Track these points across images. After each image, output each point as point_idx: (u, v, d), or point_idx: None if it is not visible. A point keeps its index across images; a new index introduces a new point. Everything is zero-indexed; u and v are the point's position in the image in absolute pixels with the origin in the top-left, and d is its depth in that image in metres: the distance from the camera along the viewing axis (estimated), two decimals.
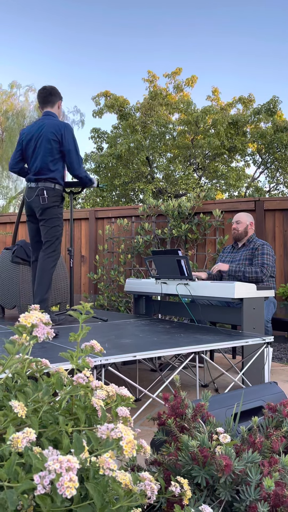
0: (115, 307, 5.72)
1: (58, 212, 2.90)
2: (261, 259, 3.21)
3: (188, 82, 13.19)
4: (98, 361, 1.89)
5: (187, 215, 5.31)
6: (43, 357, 1.63)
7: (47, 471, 0.73)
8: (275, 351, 4.22)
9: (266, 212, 5.02)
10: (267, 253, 3.24)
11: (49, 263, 2.84)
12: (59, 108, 3.00)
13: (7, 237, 6.73)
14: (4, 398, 0.99)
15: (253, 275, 3.14)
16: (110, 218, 5.98)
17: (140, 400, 2.60)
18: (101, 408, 1.01)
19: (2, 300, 3.58)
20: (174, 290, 3.12)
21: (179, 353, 2.76)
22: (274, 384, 1.79)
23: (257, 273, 3.14)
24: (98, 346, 1.17)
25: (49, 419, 0.97)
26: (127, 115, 13.10)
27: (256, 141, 12.17)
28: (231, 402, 1.57)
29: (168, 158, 13.44)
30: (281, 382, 2.99)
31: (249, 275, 3.14)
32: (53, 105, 2.98)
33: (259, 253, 3.25)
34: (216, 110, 11.82)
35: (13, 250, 3.49)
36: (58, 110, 3.00)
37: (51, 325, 1.08)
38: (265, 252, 3.24)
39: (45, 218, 2.85)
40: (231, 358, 3.83)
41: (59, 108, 3.01)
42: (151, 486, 0.86)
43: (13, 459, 0.77)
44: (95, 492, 0.78)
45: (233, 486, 1.08)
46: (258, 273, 3.14)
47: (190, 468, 1.11)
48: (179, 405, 1.33)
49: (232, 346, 2.38)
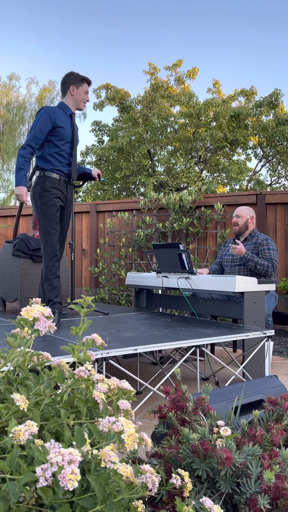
0: (116, 301, 5.73)
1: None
2: (268, 254, 3.21)
3: (189, 74, 13.08)
4: (99, 355, 1.90)
5: (188, 209, 5.29)
6: (44, 351, 1.64)
7: (49, 464, 0.73)
8: (276, 345, 4.23)
9: (268, 205, 5.01)
10: (272, 248, 3.23)
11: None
12: (72, 94, 2.87)
13: (8, 230, 6.73)
14: (6, 391, 1.00)
15: (264, 268, 3.13)
16: (111, 212, 5.97)
17: (141, 393, 2.61)
18: (103, 401, 1.02)
19: (3, 293, 3.59)
20: (175, 284, 3.12)
21: (180, 347, 2.77)
22: (274, 378, 1.80)
23: (268, 267, 3.13)
24: (99, 339, 1.18)
25: (51, 412, 0.98)
26: (128, 107, 13.02)
27: (257, 134, 12.10)
28: (232, 396, 1.58)
29: (169, 151, 13.38)
30: (281, 375, 3.00)
31: (260, 267, 3.13)
32: (64, 94, 2.91)
33: (264, 248, 3.24)
34: (218, 103, 11.75)
35: (14, 243, 3.49)
36: (71, 97, 2.88)
37: (52, 318, 1.08)
38: (270, 248, 3.23)
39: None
40: (232, 351, 3.84)
41: (73, 93, 2.87)
42: (152, 478, 0.87)
43: (15, 452, 0.78)
44: (96, 484, 0.78)
45: (234, 479, 1.09)
46: (269, 268, 3.13)
47: (191, 461, 1.12)
48: (180, 398, 1.34)
49: (232, 339, 2.39)
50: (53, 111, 2.80)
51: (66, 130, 2.83)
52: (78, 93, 2.88)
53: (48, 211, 2.75)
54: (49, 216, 2.75)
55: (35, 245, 3.50)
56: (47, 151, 2.80)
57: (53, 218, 2.76)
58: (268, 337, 2.54)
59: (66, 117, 2.86)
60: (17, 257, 3.45)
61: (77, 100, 2.89)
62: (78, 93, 2.88)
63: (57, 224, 2.79)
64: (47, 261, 2.75)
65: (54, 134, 2.79)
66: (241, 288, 2.69)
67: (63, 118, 2.83)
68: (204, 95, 37.12)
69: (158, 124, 12.50)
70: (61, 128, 2.79)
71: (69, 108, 2.89)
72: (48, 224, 2.74)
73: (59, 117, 2.81)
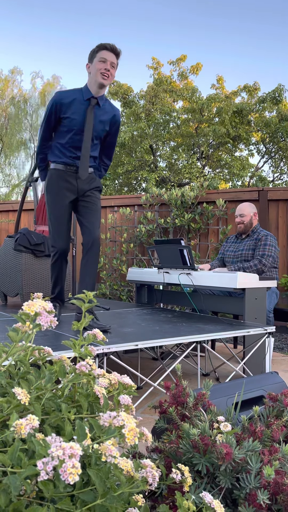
0: (117, 296, 5.73)
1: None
2: (262, 250, 3.20)
3: (193, 70, 13.02)
4: (100, 350, 1.91)
5: (190, 205, 5.29)
6: (46, 345, 1.64)
7: (50, 458, 0.73)
8: (276, 341, 4.23)
9: (270, 202, 4.99)
10: (270, 244, 3.22)
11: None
12: (89, 72, 2.49)
13: (10, 224, 6.73)
14: (8, 385, 1.00)
15: (253, 268, 3.13)
16: (112, 207, 5.96)
17: (141, 388, 2.62)
18: (104, 396, 1.02)
19: (5, 287, 3.60)
20: (176, 280, 3.12)
21: (181, 342, 2.77)
22: (275, 374, 1.80)
23: (256, 265, 3.13)
24: (100, 334, 1.18)
25: (52, 406, 0.98)
26: (130, 102, 12.97)
27: (260, 130, 12.06)
28: (232, 392, 1.58)
29: (171, 146, 13.34)
30: (282, 372, 3.00)
31: (248, 270, 3.13)
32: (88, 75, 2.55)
33: (261, 243, 3.24)
34: (221, 99, 11.70)
35: (16, 238, 3.49)
36: (89, 76, 2.49)
37: (54, 313, 1.08)
38: (267, 243, 3.22)
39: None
40: (233, 347, 3.84)
41: (89, 71, 2.49)
42: (153, 473, 0.87)
43: (17, 445, 0.78)
44: (97, 478, 0.79)
45: (233, 474, 1.09)
46: (257, 265, 3.13)
47: (191, 456, 1.12)
48: (181, 394, 1.34)
49: (233, 335, 2.39)
50: (62, 99, 2.47)
51: (75, 119, 2.47)
52: (93, 67, 2.45)
53: (52, 204, 2.57)
54: (52, 208, 2.57)
55: (37, 239, 3.50)
56: (54, 141, 2.58)
57: (55, 212, 2.56)
58: (269, 334, 2.54)
59: (82, 102, 2.47)
60: (19, 251, 3.45)
61: (94, 76, 2.44)
62: (93, 67, 2.45)
63: (63, 217, 2.57)
64: (51, 253, 2.68)
65: (62, 124, 2.51)
66: (242, 285, 2.69)
67: (77, 104, 2.47)
68: (208, 90, 36.99)
69: (161, 119, 12.45)
70: (68, 118, 2.47)
71: (89, 91, 2.48)
72: (51, 217, 2.59)
73: (69, 104, 2.47)
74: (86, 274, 2.53)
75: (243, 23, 32.50)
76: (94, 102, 2.49)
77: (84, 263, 2.54)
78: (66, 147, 2.53)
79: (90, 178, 2.62)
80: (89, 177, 2.61)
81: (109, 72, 2.43)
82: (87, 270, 2.53)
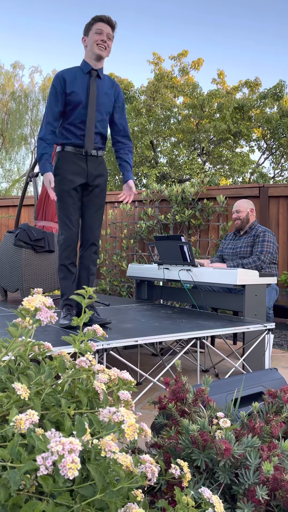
0: (117, 292, 5.74)
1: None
2: (260, 246, 3.20)
3: (194, 65, 12.96)
4: (100, 345, 1.91)
5: (191, 201, 5.28)
6: (45, 341, 1.64)
7: (50, 453, 0.73)
8: (276, 338, 4.24)
9: (270, 198, 4.98)
10: (268, 240, 3.22)
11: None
12: (85, 46, 2.42)
13: (10, 220, 6.72)
14: (7, 380, 1.00)
15: (252, 265, 3.13)
16: (113, 203, 5.95)
17: (141, 384, 2.62)
18: (103, 392, 1.02)
19: (5, 283, 3.60)
20: (176, 276, 3.12)
21: (181, 338, 2.78)
22: (274, 370, 1.81)
23: (254, 262, 3.13)
24: (100, 330, 1.18)
25: (52, 401, 0.98)
26: (131, 98, 12.92)
27: (261, 127, 12.02)
28: (232, 388, 1.58)
29: (172, 142, 13.30)
30: (281, 368, 3.01)
31: (247, 267, 3.13)
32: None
33: (259, 240, 3.23)
34: (222, 94, 11.65)
35: (16, 233, 3.49)
36: (86, 50, 2.43)
37: (54, 309, 1.08)
38: (265, 240, 3.22)
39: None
40: (232, 344, 3.85)
41: (85, 44, 2.42)
42: (152, 468, 0.88)
43: (16, 440, 0.78)
44: (96, 473, 0.79)
45: (232, 470, 1.09)
46: (256, 262, 3.13)
47: (190, 452, 1.13)
48: (180, 390, 1.34)
49: (233, 332, 2.39)
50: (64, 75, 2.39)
51: (78, 93, 2.38)
52: (89, 39, 2.38)
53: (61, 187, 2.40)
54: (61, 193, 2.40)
55: (37, 235, 3.50)
56: (61, 125, 2.44)
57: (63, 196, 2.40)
58: (269, 330, 2.54)
59: (83, 76, 2.40)
60: (19, 247, 3.45)
61: (90, 48, 2.38)
62: (89, 39, 2.39)
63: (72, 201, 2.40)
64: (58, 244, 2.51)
65: (68, 102, 2.39)
66: (242, 281, 2.69)
67: (78, 78, 2.39)
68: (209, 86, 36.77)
69: (162, 115, 12.41)
70: (73, 93, 2.37)
71: (88, 64, 2.41)
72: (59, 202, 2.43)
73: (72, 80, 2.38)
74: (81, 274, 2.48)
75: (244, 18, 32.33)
76: (94, 73, 2.42)
77: (81, 261, 2.48)
78: (74, 124, 2.40)
79: (99, 162, 2.48)
80: (97, 160, 2.47)
81: (106, 44, 2.38)
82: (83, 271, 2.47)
